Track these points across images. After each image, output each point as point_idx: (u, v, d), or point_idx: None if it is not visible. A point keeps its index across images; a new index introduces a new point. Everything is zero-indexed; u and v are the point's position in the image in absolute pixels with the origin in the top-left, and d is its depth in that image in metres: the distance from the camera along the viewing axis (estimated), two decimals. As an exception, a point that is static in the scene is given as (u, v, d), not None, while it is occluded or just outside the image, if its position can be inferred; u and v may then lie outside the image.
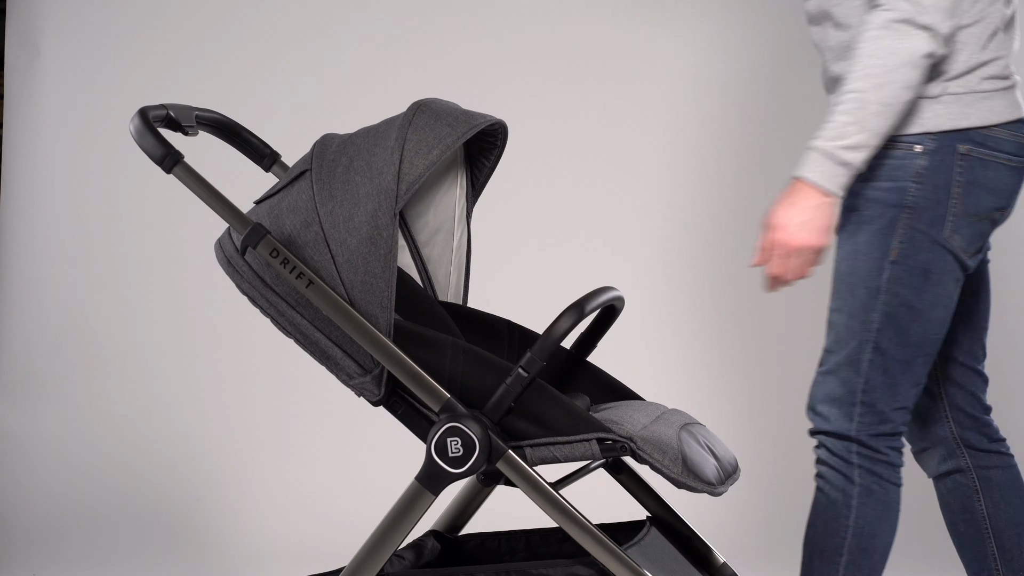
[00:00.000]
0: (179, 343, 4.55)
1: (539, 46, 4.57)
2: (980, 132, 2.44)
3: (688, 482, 2.50)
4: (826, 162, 2.38)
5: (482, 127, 2.60)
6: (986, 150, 2.44)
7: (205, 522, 4.42)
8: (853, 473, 2.49)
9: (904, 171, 2.43)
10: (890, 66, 2.35)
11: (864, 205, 2.46)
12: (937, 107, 2.44)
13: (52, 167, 4.58)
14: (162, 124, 2.67)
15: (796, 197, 2.40)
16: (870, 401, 2.48)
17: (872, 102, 2.36)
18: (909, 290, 2.45)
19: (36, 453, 4.51)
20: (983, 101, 2.45)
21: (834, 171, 2.39)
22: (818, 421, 2.53)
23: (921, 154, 2.42)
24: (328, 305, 2.50)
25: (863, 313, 2.46)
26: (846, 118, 2.38)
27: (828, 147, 2.38)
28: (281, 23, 4.56)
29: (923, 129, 2.43)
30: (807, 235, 2.40)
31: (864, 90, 2.36)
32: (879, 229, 2.44)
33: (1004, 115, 2.46)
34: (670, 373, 4.41)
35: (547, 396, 2.51)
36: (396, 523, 2.55)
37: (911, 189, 2.42)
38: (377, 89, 4.50)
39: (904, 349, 2.47)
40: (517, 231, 4.53)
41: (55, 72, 4.57)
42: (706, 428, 2.73)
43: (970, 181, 2.44)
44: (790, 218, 2.40)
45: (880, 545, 2.51)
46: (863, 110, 2.37)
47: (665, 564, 2.70)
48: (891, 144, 2.43)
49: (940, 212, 2.43)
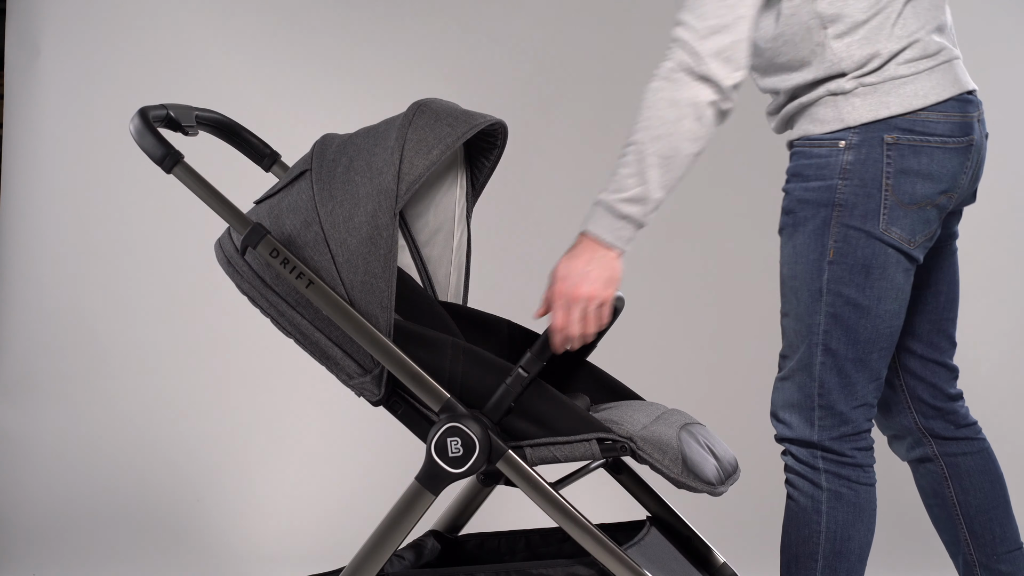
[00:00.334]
0: (179, 343, 4.55)
1: (539, 46, 4.56)
2: (905, 118, 2.39)
3: (688, 482, 2.50)
4: (606, 215, 2.39)
5: (482, 127, 2.59)
6: (915, 136, 2.39)
7: (205, 522, 4.42)
8: (820, 479, 2.47)
9: (831, 168, 2.40)
10: (668, 118, 2.35)
11: (797, 207, 2.44)
12: (854, 100, 2.40)
13: (52, 167, 4.58)
14: (162, 124, 2.67)
15: (578, 249, 2.42)
16: (827, 404, 2.46)
17: (650, 155, 2.36)
18: (851, 288, 2.42)
19: (36, 453, 4.51)
20: (903, 87, 2.40)
21: (614, 224, 2.39)
22: (781, 428, 2.52)
23: (845, 149, 2.39)
24: (328, 305, 2.50)
25: (808, 316, 2.44)
26: (626, 171, 2.38)
27: (608, 200, 2.39)
28: (281, 23, 4.56)
29: (844, 124, 2.40)
30: (588, 287, 2.40)
31: (643, 142, 2.36)
32: (813, 230, 2.42)
33: (930, 97, 2.41)
34: (670, 373, 4.41)
35: (547, 396, 2.51)
36: (396, 523, 2.55)
37: (839, 186, 2.39)
38: (377, 89, 4.50)
39: (855, 347, 2.44)
40: (517, 231, 4.53)
41: (55, 72, 4.57)
42: (706, 428, 2.73)
43: (901, 170, 2.39)
44: (571, 269, 2.41)
45: (856, 547, 2.49)
46: (642, 163, 2.36)
47: (665, 564, 2.70)
48: (817, 143, 2.42)
49: (872, 206, 2.39)
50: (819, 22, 2.42)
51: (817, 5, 2.41)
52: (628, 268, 2.27)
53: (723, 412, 3.95)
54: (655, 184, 2.37)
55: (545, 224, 4.60)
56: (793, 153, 2.48)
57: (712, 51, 2.34)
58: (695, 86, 2.34)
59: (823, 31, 2.42)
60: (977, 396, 4.39)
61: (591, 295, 2.41)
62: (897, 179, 2.39)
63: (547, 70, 4.57)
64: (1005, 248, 4.48)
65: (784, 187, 2.49)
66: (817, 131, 2.42)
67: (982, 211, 4.43)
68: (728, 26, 2.34)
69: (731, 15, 2.35)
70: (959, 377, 2.70)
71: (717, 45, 2.34)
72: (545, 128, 4.54)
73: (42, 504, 4.45)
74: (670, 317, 4.51)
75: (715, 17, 2.35)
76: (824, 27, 2.41)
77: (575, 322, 2.43)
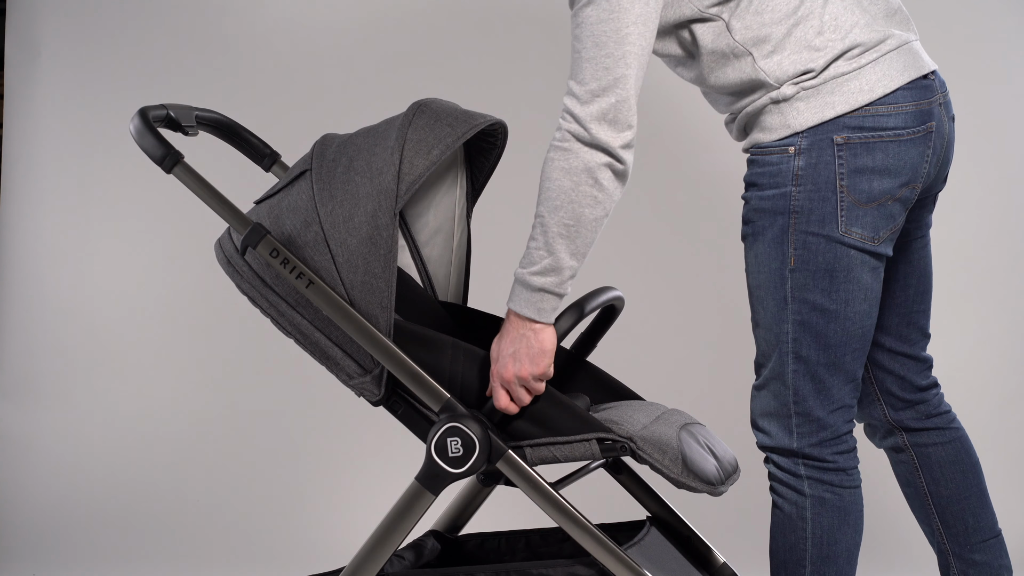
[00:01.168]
0: (179, 343, 4.55)
1: (539, 46, 4.56)
2: (853, 116, 2.36)
3: (688, 482, 2.50)
4: (522, 290, 2.40)
5: (482, 127, 2.59)
6: (866, 132, 2.36)
7: (205, 522, 4.42)
8: (803, 486, 2.47)
9: (783, 175, 2.38)
10: (566, 187, 2.34)
11: (755, 216, 2.43)
12: (798, 104, 2.38)
13: (52, 167, 4.58)
14: (162, 124, 2.67)
15: (506, 328, 2.44)
16: (804, 411, 2.45)
17: (553, 225, 2.36)
18: (817, 294, 2.40)
19: (36, 453, 4.51)
20: (847, 83, 2.37)
21: (532, 298, 2.40)
22: (761, 437, 2.52)
23: (795, 155, 2.37)
24: (328, 305, 2.50)
25: (776, 325, 2.44)
26: (533, 244, 2.39)
27: (521, 274, 2.40)
28: (281, 23, 4.56)
29: (791, 130, 2.38)
30: (515, 367, 2.42)
31: (544, 215, 2.36)
32: (772, 238, 2.40)
33: (876, 91, 2.37)
34: (670, 373, 4.41)
35: (547, 396, 2.51)
36: (396, 523, 2.55)
37: (793, 192, 2.37)
38: (377, 89, 4.50)
39: (826, 352, 2.42)
40: (517, 231, 4.53)
41: (55, 72, 4.57)
42: (706, 428, 2.73)
43: (855, 169, 2.36)
44: (500, 352, 2.44)
45: (843, 550, 2.48)
46: (547, 235, 2.36)
47: (665, 564, 2.70)
48: (767, 150, 2.40)
49: (828, 209, 2.37)
50: (743, 50, 2.40)
51: (735, 36, 2.40)
52: (628, 268, 2.28)
53: (723, 412, 3.95)
54: (563, 254, 2.37)
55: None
56: (748, 161, 2.46)
57: (595, 115, 2.33)
58: (585, 152, 2.34)
59: (749, 58, 2.40)
60: (978, 397, 4.41)
61: (520, 375, 2.43)
62: (852, 179, 2.36)
63: (547, 70, 4.57)
64: (1006, 248, 4.48)
65: (742, 195, 2.48)
66: (766, 139, 2.41)
67: (982, 211, 4.44)
68: (607, 88, 2.33)
69: (609, 77, 2.33)
70: (933, 367, 2.70)
71: (599, 108, 2.33)
72: (545, 128, 4.54)
73: (42, 504, 4.45)
74: (670, 317, 4.51)
75: (594, 81, 2.34)
76: (748, 54, 2.40)
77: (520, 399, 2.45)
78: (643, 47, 2.35)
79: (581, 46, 2.34)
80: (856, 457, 2.51)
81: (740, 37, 2.39)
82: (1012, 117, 4.44)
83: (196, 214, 3.59)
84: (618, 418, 2.56)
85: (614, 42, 2.32)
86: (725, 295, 4.52)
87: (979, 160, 4.38)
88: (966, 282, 4.44)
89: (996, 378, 4.42)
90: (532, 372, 2.42)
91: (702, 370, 4.51)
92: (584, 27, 2.34)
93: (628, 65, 2.33)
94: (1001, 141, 4.44)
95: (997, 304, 4.46)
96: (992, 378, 4.42)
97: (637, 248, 4.53)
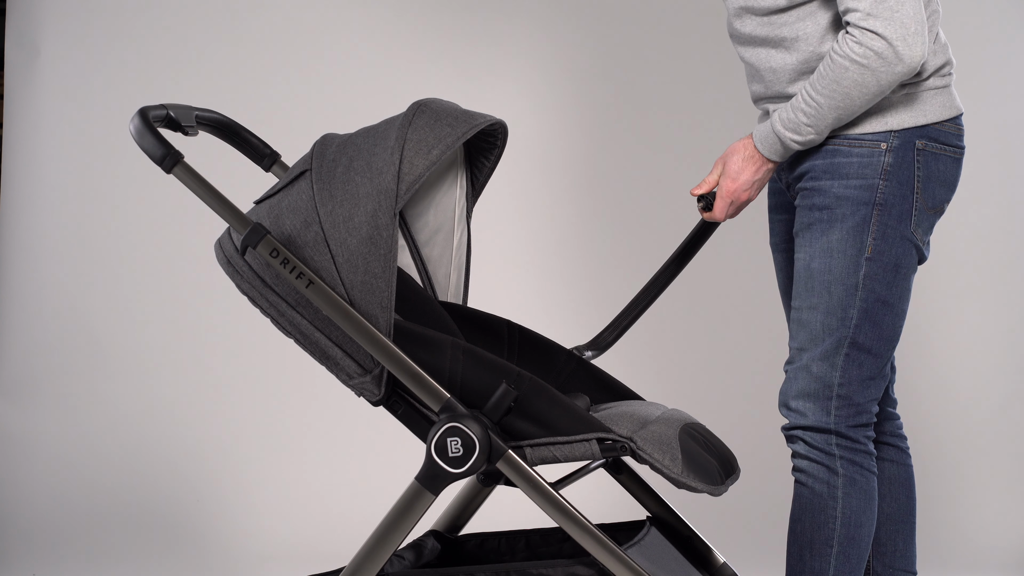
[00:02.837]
0: (179, 343, 4.55)
1: (539, 46, 4.56)
2: (934, 128, 2.53)
3: (688, 482, 2.50)
4: (776, 143, 2.54)
5: (482, 127, 2.59)
6: (938, 144, 2.53)
7: (205, 522, 4.42)
8: (836, 464, 2.53)
9: (872, 168, 2.50)
10: (853, 95, 2.45)
11: (835, 203, 2.52)
12: (899, 105, 2.52)
13: (52, 167, 4.58)
14: (162, 124, 2.67)
15: (750, 158, 2.58)
16: (847, 395, 2.52)
17: (829, 112, 2.48)
18: (883, 285, 2.52)
19: (36, 453, 4.51)
20: (935, 97, 2.54)
21: (781, 150, 2.55)
22: (793, 417, 2.56)
23: (886, 151, 2.51)
24: (328, 305, 2.50)
25: (841, 310, 2.52)
26: (804, 119, 2.50)
27: (782, 134, 2.52)
28: (281, 23, 4.56)
29: (887, 127, 2.51)
30: (751, 193, 2.60)
31: (824, 106, 2.47)
32: (853, 226, 2.51)
33: (951, 110, 2.55)
34: (670, 373, 4.41)
35: (547, 396, 2.51)
36: (396, 523, 2.55)
37: (880, 186, 2.50)
38: (377, 89, 4.50)
39: (879, 343, 2.53)
40: (517, 231, 4.53)
41: (55, 72, 4.57)
42: (706, 428, 2.73)
43: (927, 176, 2.52)
44: (741, 173, 2.58)
45: (866, 534, 2.54)
46: (820, 120, 2.49)
47: (665, 564, 2.70)
48: (857, 143, 2.52)
49: (906, 207, 2.51)
50: None
51: None
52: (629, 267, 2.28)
53: (723, 412, 3.95)
54: (821, 135, 2.51)
55: (545, 224, 4.60)
56: (824, 151, 2.54)
57: (901, 35, 2.40)
58: (886, 72, 2.42)
59: None
60: (978, 397, 4.41)
61: (750, 199, 2.63)
62: (925, 184, 2.52)
63: (547, 69, 4.57)
64: (1006, 248, 4.48)
65: (809, 184, 2.55)
66: (857, 131, 2.52)
67: (982, 211, 4.44)
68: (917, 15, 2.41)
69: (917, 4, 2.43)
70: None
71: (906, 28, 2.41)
72: (545, 128, 4.54)
73: (42, 504, 4.45)
74: (670, 317, 4.51)
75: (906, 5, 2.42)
76: None
77: (728, 214, 2.65)
78: None
79: None
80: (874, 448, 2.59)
81: None
82: (1012, 117, 4.44)
83: (196, 214, 3.59)
84: (618, 418, 2.56)
85: None
86: (726, 295, 4.52)
87: (980, 160, 4.38)
88: (967, 282, 4.45)
89: (997, 378, 4.43)
90: (753, 199, 2.64)
91: (702, 370, 4.51)
92: None
93: None
94: (1004, 140, 4.44)
95: (997, 304, 4.46)
96: (993, 378, 4.43)
97: (638, 248, 4.52)
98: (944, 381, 4.43)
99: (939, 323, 4.40)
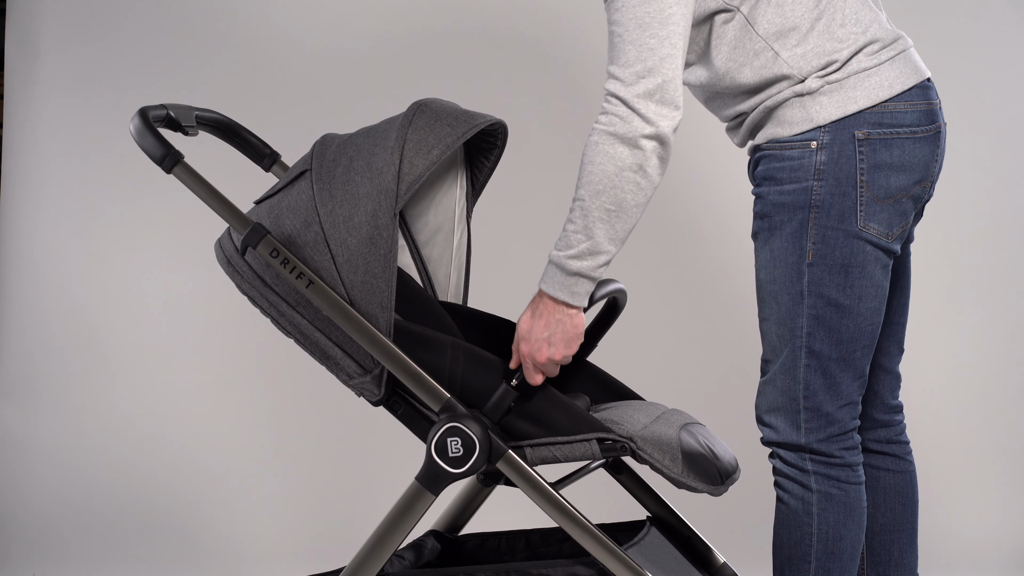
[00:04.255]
0: (179, 343, 4.55)
1: (539, 46, 4.56)
2: (874, 112, 2.39)
3: (688, 482, 2.50)
4: (558, 273, 2.40)
5: (482, 127, 2.59)
6: (885, 128, 2.39)
7: (205, 522, 4.42)
8: (809, 481, 2.48)
9: (804, 171, 2.40)
10: (609, 172, 2.34)
11: (773, 211, 2.44)
12: (821, 99, 2.40)
13: (52, 167, 4.58)
14: (162, 124, 2.67)
15: (540, 310, 2.44)
16: (813, 406, 2.46)
17: (594, 209, 2.35)
18: (832, 289, 2.42)
19: (36, 453, 4.51)
20: (868, 79, 2.40)
21: (567, 282, 2.40)
22: (767, 432, 2.52)
23: (817, 150, 2.39)
24: (328, 305, 2.50)
25: (791, 320, 2.45)
26: (572, 227, 2.38)
27: (557, 257, 2.40)
28: (281, 23, 4.56)
29: (813, 124, 2.40)
30: (550, 351, 2.44)
31: (585, 198, 2.36)
32: (791, 233, 2.42)
33: (895, 87, 2.41)
34: (670, 373, 4.41)
35: (547, 396, 2.51)
36: (396, 523, 2.55)
37: (814, 187, 2.39)
38: (377, 89, 4.50)
39: (838, 347, 2.44)
40: (517, 231, 4.53)
41: (55, 72, 4.57)
42: (706, 428, 2.73)
43: (874, 165, 2.39)
44: (532, 332, 2.44)
45: (848, 546, 2.49)
46: (587, 219, 2.36)
47: (665, 564, 2.70)
48: (788, 145, 2.41)
49: (848, 204, 2.39)
50: (764, 45, 2.41)
51: (757, 29, 2.41)
52: (628, 267, 2.28)
53: (723, 412, 3.95)
54: (602, 238, 2.37)
55: (545, 224, 4.60)
56: (762, 157, 2.47)
57: (642, 95, 2.32)
58: (632, 137, 2.33)
59: (770, 52, 2.42)
60: (979, 397, 4.41)
61: (554, 358, 2.45)
62: (871, 174, 2.39)
63: (547, 70, 4.57)
64: (1007, 249, 4.48)
65: (755, 191, 2.49)
66: (786, 133, 2.42)
67: (981, 211, 4.44)
68: (654, 68, 2.32)
69: (654, 57, 2.32)
70: (901, 386, 2.70)
71: (646, 89, 2.32)
72: (545, 127, 4.54)
73: (42, 504, 4.45)
74: (670, 317, 4.51)
75: (639, 62, 2.32)
76: (770, 48, 2.41)
77: (548, 372, 2.47)
78: (685, 28, 2.36)
79: (622, 29, 2.33)
80: (860, 455, 2.52)
81: (762, 31, 2.41)
82: (1010, 117, 4.44)
83: (196, 214, 3.59)
84: (618, 418, 2.56)
85: (658, 23, 2.32)
86: (726, 295, 4.52)
87: (977, 161, 4.38)
88: (967, 283, 4.44)
89: (997, 378, 4.43)
90: (565, 355, 2.44)
91: (701, 369, 4.51)
92: (625, 10, 2.33)
93: (674, 45, 2.33)
94: (1004, 140, 4.44)
95: (998, 305, 4.46)
96: (993, 378, 4.42)
97: (636, 248, 4.53)
98: (944, 381, 4.42)
99: (939, 323, 4.40)
